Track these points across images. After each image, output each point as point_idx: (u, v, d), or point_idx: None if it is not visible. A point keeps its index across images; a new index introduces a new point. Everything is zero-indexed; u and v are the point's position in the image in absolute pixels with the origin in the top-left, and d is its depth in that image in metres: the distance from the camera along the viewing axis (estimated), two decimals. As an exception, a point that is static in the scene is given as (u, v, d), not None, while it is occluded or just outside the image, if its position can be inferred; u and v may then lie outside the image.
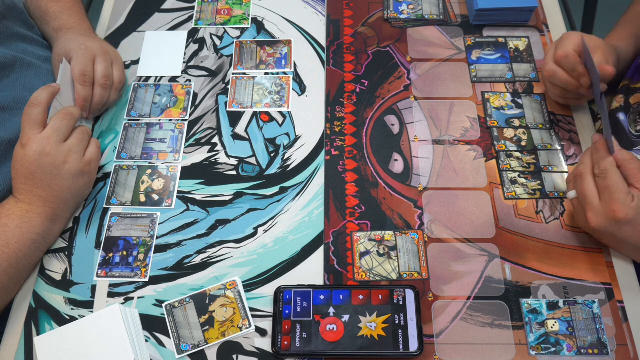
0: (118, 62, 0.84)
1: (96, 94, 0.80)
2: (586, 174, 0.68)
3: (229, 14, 0.96)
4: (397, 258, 0.72)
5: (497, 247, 0.73)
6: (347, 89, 0.87)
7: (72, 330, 0.65)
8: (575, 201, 0.70)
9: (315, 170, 0.80)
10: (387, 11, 0.94)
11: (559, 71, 0.76)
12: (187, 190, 0.78)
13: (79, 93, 0.78)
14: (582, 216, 0.68)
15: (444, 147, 0.81)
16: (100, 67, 0.80)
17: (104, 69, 0.80)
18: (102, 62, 0.80)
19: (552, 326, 0.67)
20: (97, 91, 0.80)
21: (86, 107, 0.79)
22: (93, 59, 0.80)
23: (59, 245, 0.74)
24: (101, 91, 0.80)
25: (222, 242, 0.74)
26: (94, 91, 0.79)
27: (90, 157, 0.74)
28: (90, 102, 0.80)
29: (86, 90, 0.78)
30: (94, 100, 0.80)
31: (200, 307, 0.69)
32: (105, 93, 0.80)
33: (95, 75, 0.79)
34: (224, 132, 0.83)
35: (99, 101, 0.80)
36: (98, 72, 0.79)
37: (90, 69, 0.79)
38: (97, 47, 0.81)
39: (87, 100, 0.79)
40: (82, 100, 0.78)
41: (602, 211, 0.65)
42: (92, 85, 0.79)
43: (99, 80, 0.79)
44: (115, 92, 0.83)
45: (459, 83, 0.87)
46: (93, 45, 0.81)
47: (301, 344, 0.65)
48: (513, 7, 0.89)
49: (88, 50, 0.80)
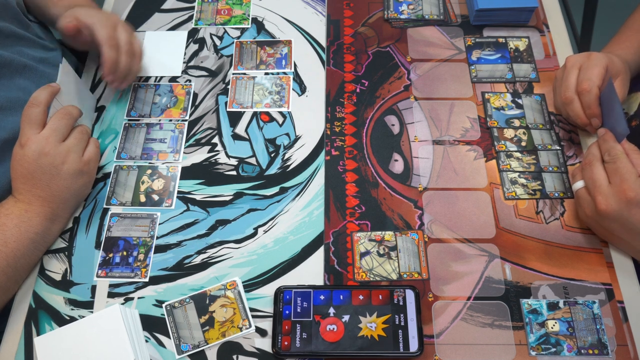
0: (134, 35, 0.85)
1: (122, 60, 0.81)
2: (595, 161, 0.69)
3: (229, 14, 0.96)
4: (397, 258, 0.72)
5: (497, 248, 0.73)
6: (347, 89, 0.87)
7: (72, 331, 0.65)
8: (581, 192, 0.70)
9: (315, 171, 0.80)
10: (387, 11, 0.94)
11: (577, 102, 0.76)
12: (187, 191, 0.78)
13: (108, 55, 0.79)
14: (587, 207, 0.68)
15: (444, 147, 0.81)
16: (124, 35, 0.81)
17: (128, 36, 0.81)
18: (124, 30, 0.81)
19: (552, 326, 0.67)
20: (122, 58, 0.81)
21: (113, 70, 0.80)
22: (115, 28, 0.81)
23: (58, 245, 0.74)
24: (126, 58, 0.81)
25: (222, 243, 0.74)
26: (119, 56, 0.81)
27: (89, 157, 0.74)
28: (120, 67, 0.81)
29: (114, 53, 0.79)
30: (120, 67, 0.81)
31: (201, 307, 0.69)
32: (129, 60, 0.82)
33: (119, 43, 0.80)
34: (224, 132, 0.83)
35: (125, 68, 0.81)
36: (122, 39, 0.80)
37: (115, 35, 0.80)
38: (116, 18, 0.83)
39: (114, 63, 0.80)
40: (111, 61, 0.79)
41: (612, 193, 0.65)
42: (118, 50, 0.80)
43: (123, 47, 0.80)
44: (138, 61, 0.84)
45: (459, 83, 0.87)
46: (112, 16, 0.83)
47: (301, 344, 0.65)
48: (513, 7, 0.89)
49: (109, 20, 0.81)
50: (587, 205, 0.69)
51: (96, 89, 0.88)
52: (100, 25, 0.80)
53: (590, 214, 0.69)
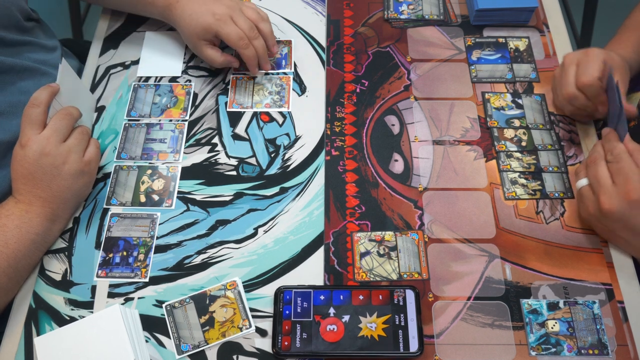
0: (242, 3, 0.85)
1: (258, 46, 0.83)
2: (599, 159, 0.69)
3: (229, 14, 0.96)
4: (397, 258, 0.72)
5: (497, 248, 0.73)
6: (347, 89, 0.87)
7: (72, 331, 0.65)
8: (584, 189, 0.70)
9: (315, 171, 0.80)
10: (387, 11, 0.94)
11: (581, 96, 0.76)
12: (187, 191, 0.78)
13: (246, 56, 0.82)
14: (590, 205, 0.68)
15: (444, 147, 0.81)
16: (241, 23, 0.81)
17: (244, 22, 0.82)
18: (239, 17, 0.82)
19: (552, 326, 0.67)
20: (256, 44, 0.82)
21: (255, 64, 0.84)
22: (233, 18, 0.81)
23: (59, 245, 0.74)
24: (257, 42, 0.83)
25: (222, 243, 0.74)
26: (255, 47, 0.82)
27: (89, 157, 0.74)
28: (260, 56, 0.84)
29: (250, 51, 0.82)
30: (260, 53, 0.83)
31: (201, 307, 0.69)
32: (260, 42, 0.83)
33: (246, 34, 0.81)
34: (224, 133, 0.83)
35: (264, 49, 0.84)
36: (245, 30, 0.81)
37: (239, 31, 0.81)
38: (222, 7, 0.82)
39: (255, 57, 0.83)
40: (252, 59, 0.83)
41: (616, 193, 0.65)
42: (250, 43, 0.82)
43: (249, 35, 0.81)
44: (265, 23, 0.84)
45: (459, 83, 0.87)
46: (218, 8, 0.82)
47: (301, 344, 0.65)
48: (513, 7, 0.89)
49: (223, 16, 0.81)
50: (590, 203, 0.69)
51: (96, 89, 0.88)
52: (222, 28, 0.80)
53: (593, 212, 0.69)
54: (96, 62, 0.91)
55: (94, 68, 0.91)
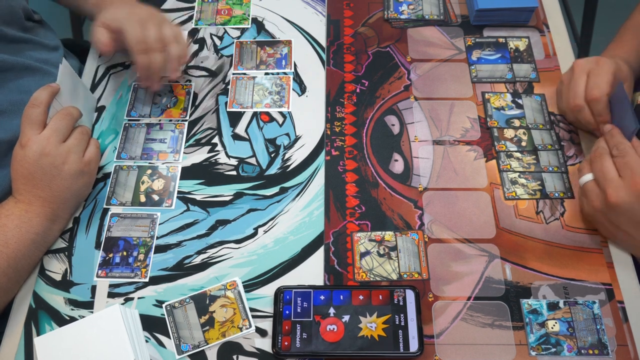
0: (165, 20, 0.82)
1: (156, 59, 0.79)
2: (605, 153, 0.69)
3: (229, 14, 0.96)
4: (397, 258, 0.72)
5: (497, 248, 0.73)
6: (347, 89, 0.87)
7: (72, 331, 0.65)
8: (589, 184, 0.69)
9: (315, 171, 0.80)
10: (387, 11, 0.94)
11: (587, 110, 0.75)
12: (187, 191, 0.78)
13: (139, 62, 0.78)
14: (596, 199, 0.68)
15: (444, 147, 0.81)
16: (152, 31, 0.79)
17: (157, 31, 0.79)
18: (152, 26, 0.79)
19: (552, 326, 0.67)
20: (155, 57, 0.79)
21: (150, 74, 0.79)
22: (144, 25, 0.79)
23: (59, 245, 0.74)
24: (156, 56, 0.79)
25: (222, 243, 0.74)
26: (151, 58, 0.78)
27: (89, 157, 0.74)
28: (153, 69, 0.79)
29: (146, 58, 0.78)
30: (154, 66, 0.79)
31: (201, 307, 0.69)
32: (161, 56, 0.79)
33: (148, 42, 0.78)
34: (224, 132, 0.83)
35: (158, 68, 0.79)
36: (150, 38, 0.78)
37: (143, 36, 0.78)
38: (144, 12, 0.80)
39: (147, 68, 0.78)
40: (143, 68, 0.78)
41: (623, 185, 0.65)
42: (149, 52, 0.78)
43: (152, 45, 0.78)
44: (176, 46, 0.81)
45: (459, 83, 0.87)
46: (139, 11, 0.80)
47: (301, 344, 0.65)
48: (513, 7, 0.89)
49: (137, 17, 0.79)
50: (595, 197, 0.69)
51: (96, 89, 0.88)
52: (129, 27, 0.77)
53: (599, 206, 0.68)
54: (96, 62, 0.91)
55: (94, 68, 0.91)
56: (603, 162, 0.68)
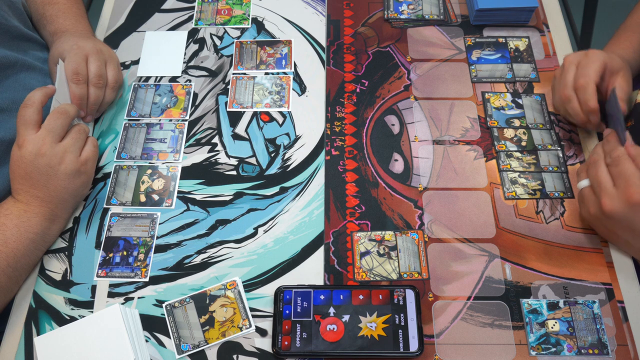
0: (113, 61, 0.83)
1: (90, 93, 0.79)
2: (600, 161, 0.69)
3: (229, 14, 0.96)
4: (397, 258, 0.72)
5: (497, 247, 0.73)
6: (347, 89, 0.87)
7: (72, 331, 0.65)
8: (586, 190, 0.70)
9: (315, 171, 0.80)
10: (387, 11, 0.94)
11: (574, 99, 0.75)
12: (187, 191, 0.78)
13: (74, 92, 0.77)
14: (591, 206, 0.68)
15: (444, 147, 0.81)
16: (93, 66, 0.79)
17: (97, 68, 0.79)
18: (95, 61, 0.79)
19: (552, 326, 0.67)
20: (90, 91, 0.79)
21: (82, 106, 0.78)
22: (86, 58, 0.79)
23: (59, 245, 0.74)
24: (95, 90, 0.79)
25: (222, 242, 0.74)
26: (88, 91, 0.79)
27: (86, 157, 0.74)
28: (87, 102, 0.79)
29: (80, 89, 0.77)
30: (89, 100, 0.79)
31: (201, 307, 0.69)
32: (99, 92, 0.79)
33: (89, 75, 0.78)
34: (224, 132, 0.83)
35: (94, 101, 0.79)
36: (91, 72, 0.78)
37: (83, 68, 0.78)
38: (90, 46, 0.80)
39: (82, 98, 0.78)
40: (77, 99, 0.77)
41: (617, 195, 0.65)
42: (86, 84, 0.78)
43: (91, 80, 0.78)
44: (111, 91, 0.82)
45: (459, 83, 0.87)
46: (85, 44, 0.80)
47: (301, 344, 0.65)
48: (513, 7, 0.89)
49: (80, 50, 0.79)
50: (591, 204, 0.69)
51: (96, 89, 0.88)
52: (69, 58, 0.78)
53: (594, 213, 0.69)
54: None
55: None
56: (597, 170, 0.68)
